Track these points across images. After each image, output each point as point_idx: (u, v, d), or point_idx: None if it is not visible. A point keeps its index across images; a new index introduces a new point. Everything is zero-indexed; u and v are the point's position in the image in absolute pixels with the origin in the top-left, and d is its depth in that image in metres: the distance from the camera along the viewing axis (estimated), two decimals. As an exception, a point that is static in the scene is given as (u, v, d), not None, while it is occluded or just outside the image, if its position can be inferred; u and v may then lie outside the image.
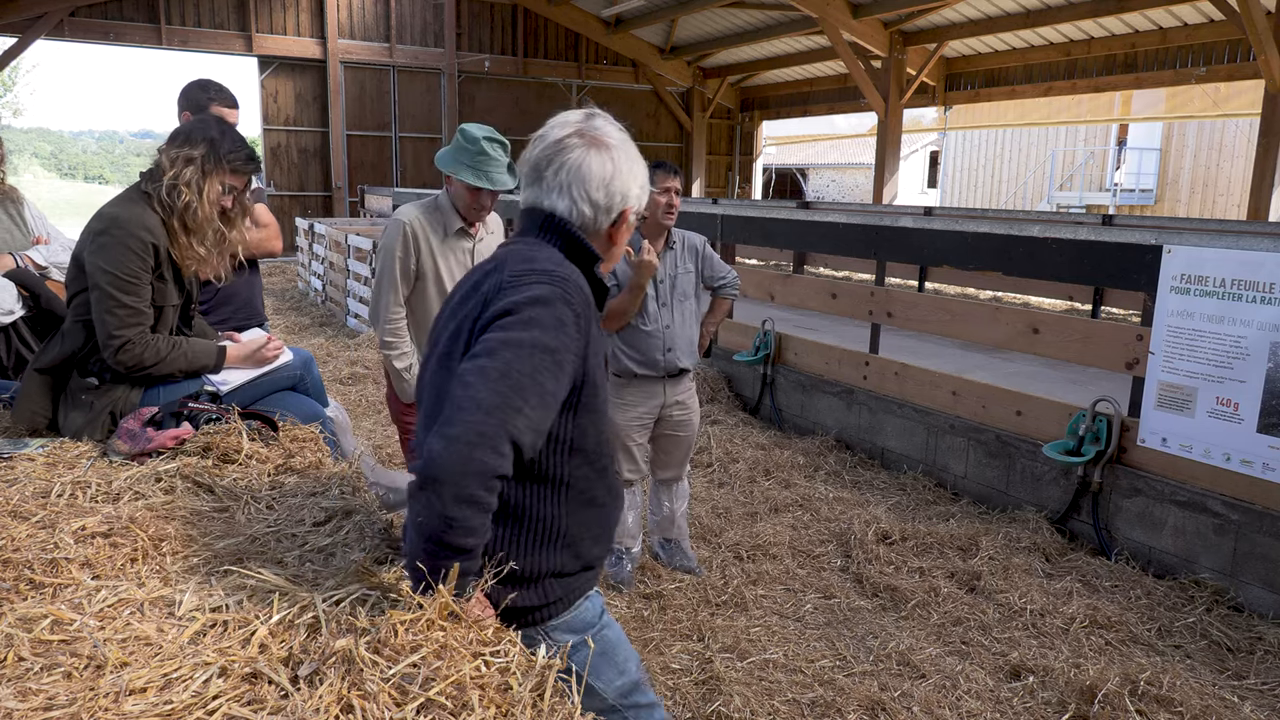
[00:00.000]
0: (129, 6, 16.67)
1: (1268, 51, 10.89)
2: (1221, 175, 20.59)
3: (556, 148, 1.66)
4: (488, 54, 20.02)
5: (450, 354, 1.63)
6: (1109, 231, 4.58)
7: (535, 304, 1.52)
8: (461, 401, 1.42)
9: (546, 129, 1.69)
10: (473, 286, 1.66)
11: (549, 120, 1.71)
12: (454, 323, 1.66)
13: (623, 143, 1.70)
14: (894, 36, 16.16)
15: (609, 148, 1.67)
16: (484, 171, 3.20)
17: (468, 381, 1.44)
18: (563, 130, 1.67)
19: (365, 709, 1.19)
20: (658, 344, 3.82)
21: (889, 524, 4.61)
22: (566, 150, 1.65)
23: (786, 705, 3.16)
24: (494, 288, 1.58)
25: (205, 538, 1.80)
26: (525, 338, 1.48)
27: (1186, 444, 4.13)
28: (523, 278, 1.56)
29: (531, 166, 1.70)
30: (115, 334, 2.41)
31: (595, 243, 1.71)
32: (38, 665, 1.31)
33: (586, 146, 1.65)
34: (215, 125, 2.61)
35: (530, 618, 1.64)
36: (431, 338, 1.76)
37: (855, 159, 30.57)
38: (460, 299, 1.68)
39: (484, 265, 1.71)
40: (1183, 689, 3.12)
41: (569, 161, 1.65)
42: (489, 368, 1.45)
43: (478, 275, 1.69)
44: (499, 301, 1.54)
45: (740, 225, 7.57)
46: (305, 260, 13.63)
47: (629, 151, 1.70)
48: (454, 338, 1.63)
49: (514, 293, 1.54)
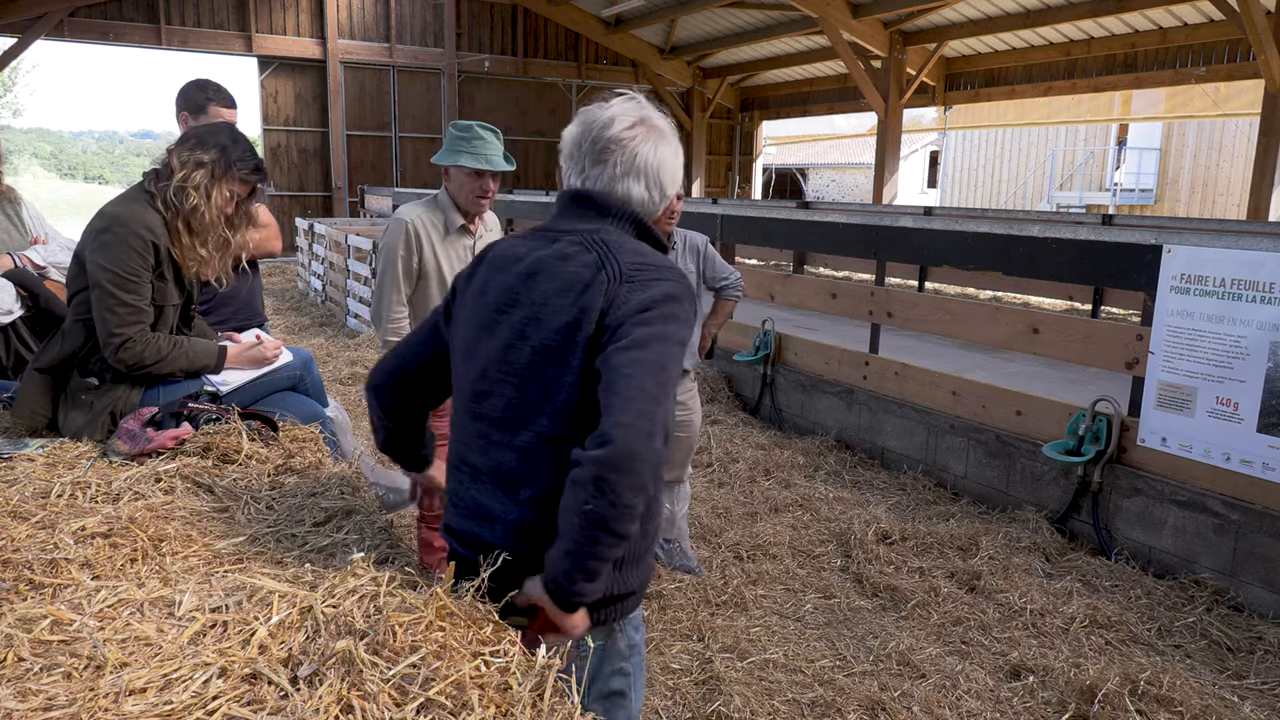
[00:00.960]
0: (129, 6, 16.67)
1: (1268, 51, 10.88)
2: (1221, 175, 20.59)
3: (629, 134, 1.65)
4: (488, 54, 20.02)
5: (524, 336, 1.56)
6: (1109, 231, 4.58)
7: (671, 301, 1.54)
8: (628, 391, 1.42)
9: (605, 113, 1.67)
10: (535, 269, 1.59)
11: (603, 104, 1.70)
12: (521, 310, 1.58)
13: (673, 132, 1.75)
14: (894, 36, 16.16)
15: (668, 137, 1.71)
16: (482, 154, 3.22)
17: (628, 373, 1.44)
18: (628, 118, 1.66)
19: (365, 709, 1.19)
20: None
21: (889, 524, 4.61)
22: (635, 140, 1.65)
23: (786, 705, 3.16)
24: (610, 277, 1.53)
25: (205, 538, 1.80)
26: (669, 332, 1.51)
27: (1186, 444, 4.13)
28: (645, 271, 1.56)
29: (594, 149, 1.66)
30: (116, 331, 2.41)
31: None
32: (38, 665, 1.30)
33: (653, 136, 1.67)
34: (228, 133, 2.62)
35: (619, 608, 1.66)
36: (476, 309, 1.66)
37: (855, 159, 30.57)
38: (522, 278, 1.60)
39: (554, 248, 1.61)
40: (1183, 689, 3.12)
41: (642, 151, 1.65)
42: (645, 360, 1.46)
43: (539, 257, 1.61)
44: (633, 295, 1.52)
45: (740, 225, 7.57)
46: (305, 260, 13.64)
47: (676, 142, 1.75)
48: (533, 322, 1.56)
49: (646, 288, 1.53)
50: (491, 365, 1.61)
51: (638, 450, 1.39)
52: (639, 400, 1.42)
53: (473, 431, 1.64)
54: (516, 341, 1.58)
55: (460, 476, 1.67)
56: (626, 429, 1.39)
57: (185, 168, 2.49)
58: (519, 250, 1.66)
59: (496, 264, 1.67)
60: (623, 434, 1.39)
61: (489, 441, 1.61)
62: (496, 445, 1.59)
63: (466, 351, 1.68)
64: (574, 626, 1.50)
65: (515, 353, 1.58)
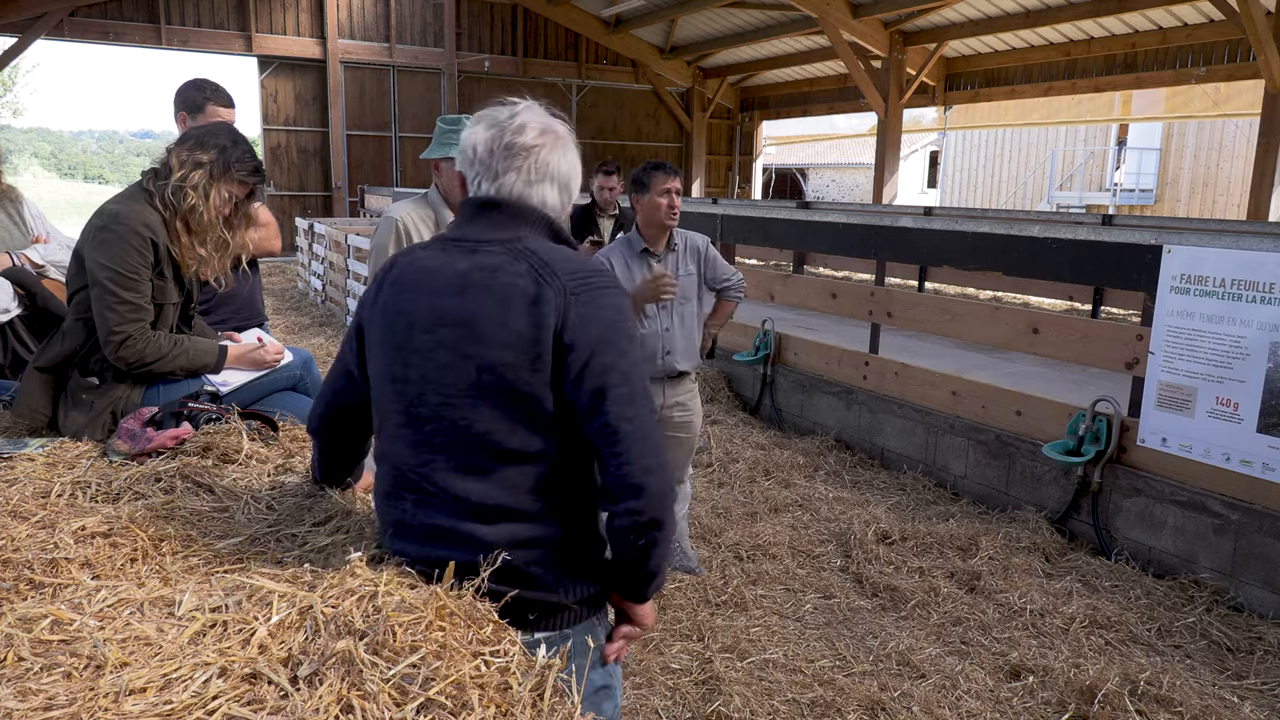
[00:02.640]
0: (129, 6, 16.67)
1: (1268, 51, 10.88)
2: (1221, 175, 20.59)
3: (540, 141, 1.62)
4: (488, 54, 20.02)
5: (465, 355, 1.52)
6: (1109, 231, 4.58)
7: (623, 314, 1.58)
8: (637, 432, 1.51)
9: (515, 120, 1.62)
10: (463, 284, 1.54)
11: (503, 106, 1.66)
12: (455, 329, 1.53)
13: (574, 141, 1.72)
14: (894, 36, 16.16)
15: (571, 145, 1.69)
16: None
17: (630, 415, 1.51)
18: (536, 125, 1.63)
19: (365, 709, 1.19)
20: (656, 347, 3.81)
21: (889, 524, 4.61)
22: (545, 147, 1.63)
23: (786, 705, 3.16)
24: (557, 291, 1.51)
25: (205, 538, 1.80)
26: (635, 352, 1.57)
27: (1186, 444, 4.13)
28: (586, 280, 1.55)
29: (508, 155, 1.61)
30: (116, 329, 2.41)
31: None
32: (38, 665, 1.30)
33: (560, 144, 1.65)
34: (227, 134, 2.62)
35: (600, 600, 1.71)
36: (391, 333, 1.61)
37: (855, 159, 30.56)
38: (449, 293, 1.55)
39: (475, 260, 1.56)
40: (1183, 689, 3.12)
41: (554, 159, 1.63)
42: (635, 395, 1.52)
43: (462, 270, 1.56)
44: (587, 313, 1.52)
45: (740, 225, 7.57)
46: (305, 260, 13.64)
47: (576, 149, 1.73)
48: (471, 339, 1.52)
49: (596, 306, 1.53)
50: (430, 389, 1.55)
51: (668, 486, 1.54)
52: (650, 436, 1.52)
53: (413, 461, 1.57)
54: (457, 361, 1.52)
55: (402, 505, 1.60)
56: (655, 473, 1.51)
57: (184, 167, 2.49)
58: (432, 264, 1.58)
59: (409, 281, 1.60)
60: (654, 479, 1.51)
61: (436, 467, 1.55)
62: (449, 469, 1.54)
63: (391, 376, 1.60)
64: (650, 617, 1.73)
65: (456, 373, 1.52)
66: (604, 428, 1.50)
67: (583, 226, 6.04)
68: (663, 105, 22.54)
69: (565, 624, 1.61)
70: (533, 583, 1.54)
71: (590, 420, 1.52)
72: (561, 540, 1.58)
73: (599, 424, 1.51)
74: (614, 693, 1.77)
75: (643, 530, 1.53)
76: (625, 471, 1.50)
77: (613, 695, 1.77)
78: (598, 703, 1.71)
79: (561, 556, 1.58)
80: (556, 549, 1.58)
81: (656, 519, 1.52)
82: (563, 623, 1.60)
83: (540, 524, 1.56)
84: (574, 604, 1.61)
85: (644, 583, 1.63)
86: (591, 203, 6.15)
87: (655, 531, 1.53)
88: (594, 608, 1.67)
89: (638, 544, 1.54)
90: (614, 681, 1.77)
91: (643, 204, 3.78)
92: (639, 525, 1.52)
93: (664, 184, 3.71)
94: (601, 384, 1.50)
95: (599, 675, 1.71)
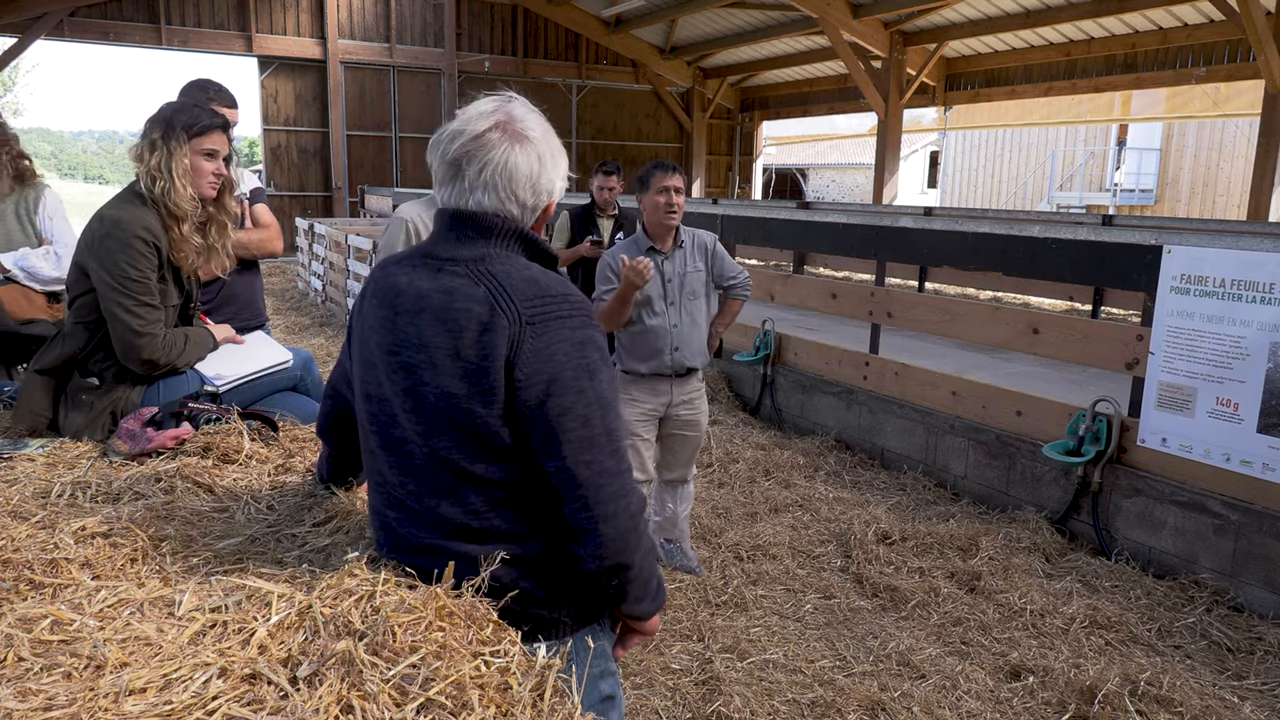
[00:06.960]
0: (129, 6, 16.67)
1: (1268, 52, 10.89)
2: (1221, 175, 20.59)
3: (477, 143, 1.51)
4: (488, 54, 20.03)
5: (422, 381, 1.48)
6: (1109, 232, 4.58)
7: (586, 346, 1.48)
8: (594, 480, 1.46)
9: (461, 122, 1.54)
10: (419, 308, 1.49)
11: (461, 112, 1.56)
12: (413, 353, 1.49)
13: (544, 134, 1.58)
14: (894, 36, 16.16)
15: (531, 142, 1.54)
16: None
17: (586, 460, 1.45)
18: (482, 123, 1.52)
19: (365, 709, 1.19)
20: (665, 343, 3.80)
21: (889, 524, 4.61)
22: (489, 147, 1.51)
23: (786, 705, 3.16)
24: (511, 319, 1.43)
25: (205, 538, 1.80)
26: (601, 389, 1.48)
27: (1186, 444, 4.13)
28: (544, 308, 1.46)
29: (450, 162, 1.52)
30: (142, 332, 2.41)
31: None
32: (38, 665, 1.30)
33: (517, 139, 1.52)
34: (171, 103, 2.58)
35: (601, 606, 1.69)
36: (366, 349, 1.58)
37: (855, 159, 30.56)
38: (408, 316, 1.50)
39: (438, 281, 1.50)
40: (1183, 689, 3.12)
41: (509, 158, 1.51)
42: (595, 438, 1.46)
43: (423, 292, 1.50)
44: (542, 345, 1.43)
45: (741, 225, 7.57)
46: (305, 260, 13.64)
47: (551, 144, 1.58)
48: (427, 366, 1.48)
49: (551, 338, 1.44)
50: (401, 411, 1.52)
51: (626, 532, 1.49)
52: (610, 482, 1.47)
53: (394, 479, 1.56)
54: (417, 387, 1.49)
55: (390, 519, 1.59)
56: (612, 520, 1.47)
57: (143, 156, 2.47)
58: (401, 282, 1.54)
59: (380, 298, 1.57)
60: (611, 526, 1.47)
61: (413, 489, 1.53)
62: (426, 491, 1.53)
63: (366, 394, 1.59)
64: (653, 623, 1.69)
65: (417, 399, 1.49)
66: (560, 471, 1.46)
67: (583, 227, 6.04)
68: (663, 105, 22.54)
69: (562, 635, 1.60)
70: (525, 598, 1.52)
71: (546, 462, 1.47)
72: (547, 559, 1.55)
73: (555, 466, 1.47)
74: (618, 703, 1.77)
75: (610, 573, 1.51)
76: (582, 518, 1.47)
77: (616, 705, 1.76)
78: (604, 712, 1.70)
79: (550, 574, 1.56)
80: (544, 567, 1.55)
81: (620, 563, 1.50)
82: (559, 634, 1.60)
83: (522, 544, 1.53)
84: (567, 618, 1.59)
85: (634, 615, 1.63)
86: (591, 203, 6.16)
87: (623, 573, 1.52)
88: (592, 619, 1.65)
89: (610, 584, 1.53)
90: (618, 691, 1.77)
91: (644, 202, 3.78)
92: (604, 569, 1.50)
93: (663, 181, 3.71)
94: (556, 427, 1.44)
95: (607, 685, 1.70)
